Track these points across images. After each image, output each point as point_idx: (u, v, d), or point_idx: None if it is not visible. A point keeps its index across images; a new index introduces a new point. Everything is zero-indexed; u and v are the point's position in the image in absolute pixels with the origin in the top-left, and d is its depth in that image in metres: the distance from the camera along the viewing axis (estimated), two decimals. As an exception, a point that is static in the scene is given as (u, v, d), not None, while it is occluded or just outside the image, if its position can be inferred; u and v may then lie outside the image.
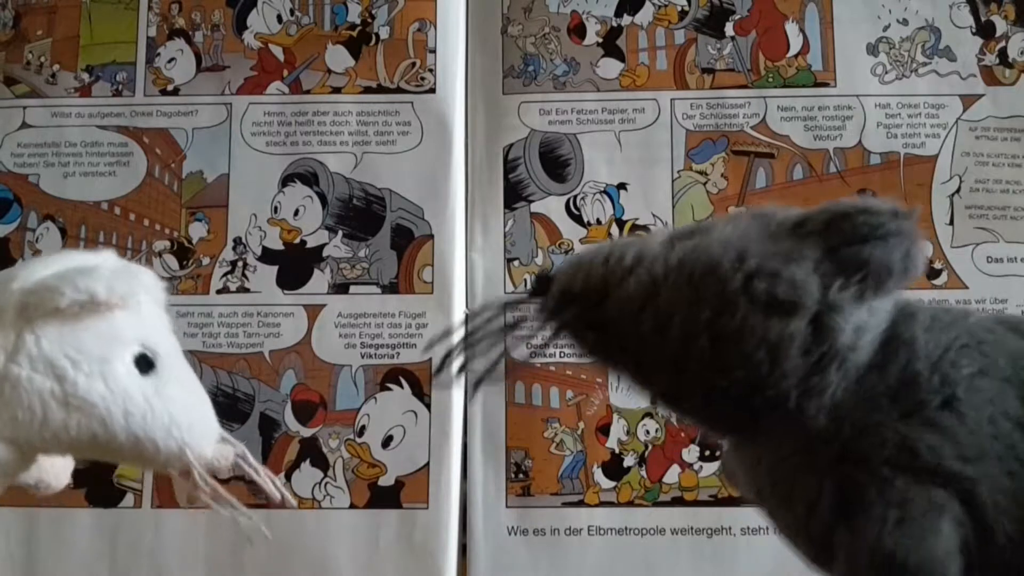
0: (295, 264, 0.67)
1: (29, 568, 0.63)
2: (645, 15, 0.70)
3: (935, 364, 0.32)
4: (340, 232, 0.67)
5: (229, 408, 0.65)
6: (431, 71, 0.69)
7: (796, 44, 0.69)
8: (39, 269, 0.35)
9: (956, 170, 0.68)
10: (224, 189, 0.68)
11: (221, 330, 0.66)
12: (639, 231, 0.67)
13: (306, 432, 0.65)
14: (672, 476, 0.64)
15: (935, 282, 0.66)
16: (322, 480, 0.64)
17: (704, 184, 0.68)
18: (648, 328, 0.32)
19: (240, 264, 0.67)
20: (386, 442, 0.65)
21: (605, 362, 0.35)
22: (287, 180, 0.68)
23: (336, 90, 0.69)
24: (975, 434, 0.31)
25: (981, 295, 0.66)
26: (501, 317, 0.35)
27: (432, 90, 0.69)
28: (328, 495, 0.64)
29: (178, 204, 0.68)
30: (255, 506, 0.39)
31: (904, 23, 0.69)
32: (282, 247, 0.67)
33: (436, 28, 0.70)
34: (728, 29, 0.70)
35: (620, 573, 0.63)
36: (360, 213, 0.68)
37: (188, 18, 0.70)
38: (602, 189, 0.68)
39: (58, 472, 0.40)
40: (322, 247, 0.67)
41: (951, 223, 0.67)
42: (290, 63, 0.70)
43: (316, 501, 0.64)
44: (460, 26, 0.70)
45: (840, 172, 0.68)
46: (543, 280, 0.35)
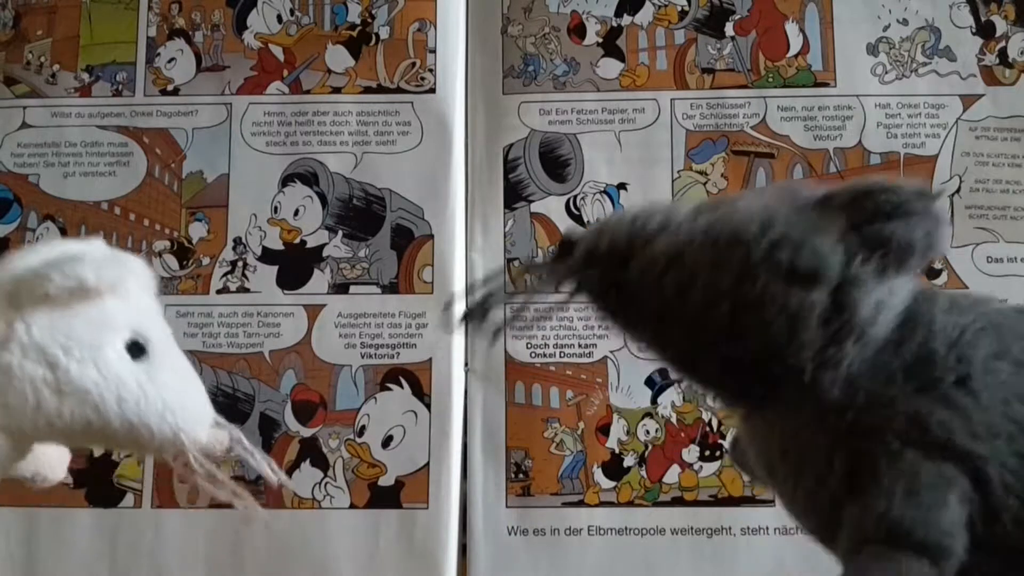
0: (295, 264, 0.67)
1: (29, 568, 0.63)
2: (645, 15, 0.70)
3: (952, 343, 0.32)
4: (340, 232, 0.67)
5: (229, 408, 0.65)
6: (431, 71, 0.69)
7: (796, 44, 0.69)
8: (26, 258, 0.35)
9: (956, 170, 0.68)
10: (224, 189, 0.68)
11: (221, 330, 0.66)
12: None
13: (306, 432, 0.65)
14: (672, 476, 0.64)
15: (935, 282, 0.66)
16: (322, 480, 0.64)
17: (704, 184, 0.68)
18: (670, 291, 0.32)
19: (240, 264, 0.67)
20: (386, 442, 0.65)
21: (624, 325, 0.35)
22: (287, 180, 0.68)
23: (336, 90, 0.69)
24: (987, 413, 0.31)
25: (981, 295, 0.66)
26: (523, 275, 0.36)
27: (432, 90, 0.69)
28: (328, 495, 0.64)
29: (178, 204, 0.68)
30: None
31: (904, 23, 0.69)
32: (282, 247, 0.67)
33: (436, 28, 0.70)
34: (728, 29, 0.70)
35: (620, 573, 0.63)
36: (360, 213, 0.68)
37: (188, 18, 0.70)
38: (602, 189, 0.68)
39: (54, 464, 0.40)
40: (322, 247, 0.67)
41: (951, 223, 0.67)
42: (290, 63, 0.70)
43: (316, 501, 0.64)
44: (460, 26, 0.70)
45: (840, 172, 0.68)
46: (568, 242, 0.35)
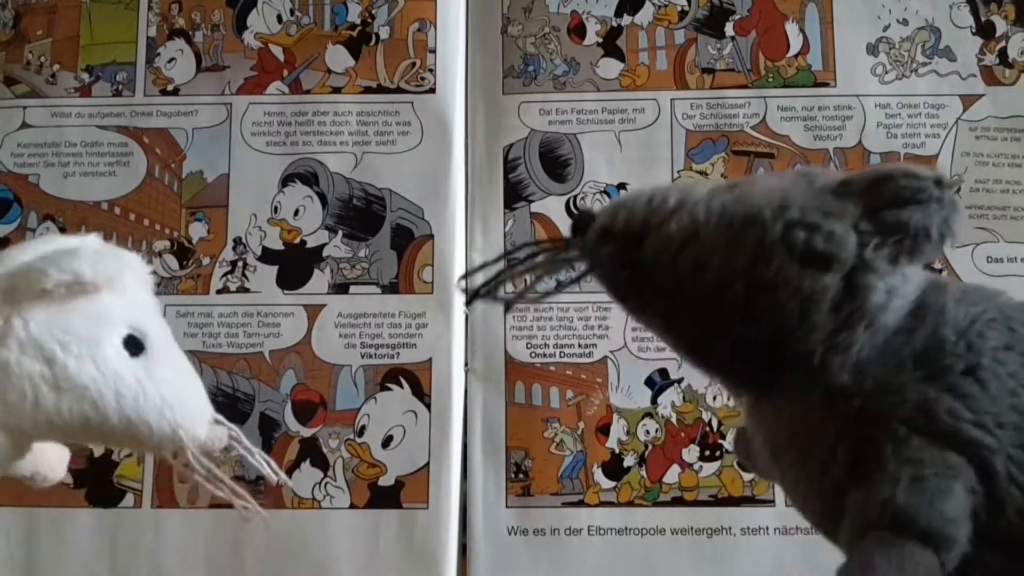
0: (295, 264, 0.67)
1: (29, 568, 0.63)
2: (645, 15, 0.70)
3: (962, 332, 0.32)
4: (340, 232, 0.67)
5: (229, 408, 0.65)
6: (431, 71, 0.69)
7: (796, 44, 0.69)
8: (22, 253, 0.35)
9: (956, 170, 0.68)
10: (224, 189, 0.68)
11: (221, 330, 0.66)
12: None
13: (306, 432, 0.65)
14: (672, 476, 0.64)
15: (935, 282, 0.66)
16: (322, 480, 0.64)
17: (704, 184, 0.68)
18: (684, 271, 0.32)
19: (240, 264, 0.67)
20: (386, 442, 0.65)
21: (636, 306, 0.35)
22: (287, 180, 0.68)
23: (336, 90, 0.69)
24: (995, 404, 0.31)
25: (981, 295, 0.66)
26: (538, 252, 0.36)
27: (432, 90, 0.69)
28: (328, 495, 0.64)
29: (178, 204, 0.68)
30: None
31: (904, 23, 0.69)
32: (282, 247, 0.67)
33: (436, 28, 0.70)
34: (728, 29, 0.70)
35: (620, 573, 0.63)
36: (360, 213, 0.68)
37: (188, 18, 0.70)
38: (602, 189, 0.68)
39: (54, 463, 0.40)
40: (322, 247, 0.67)
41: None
42: (290, 63, 0.70)
43: (316, 501, 0.64)
44: (460, 26, 0.70)
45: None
46: (583, 219, 0.35)
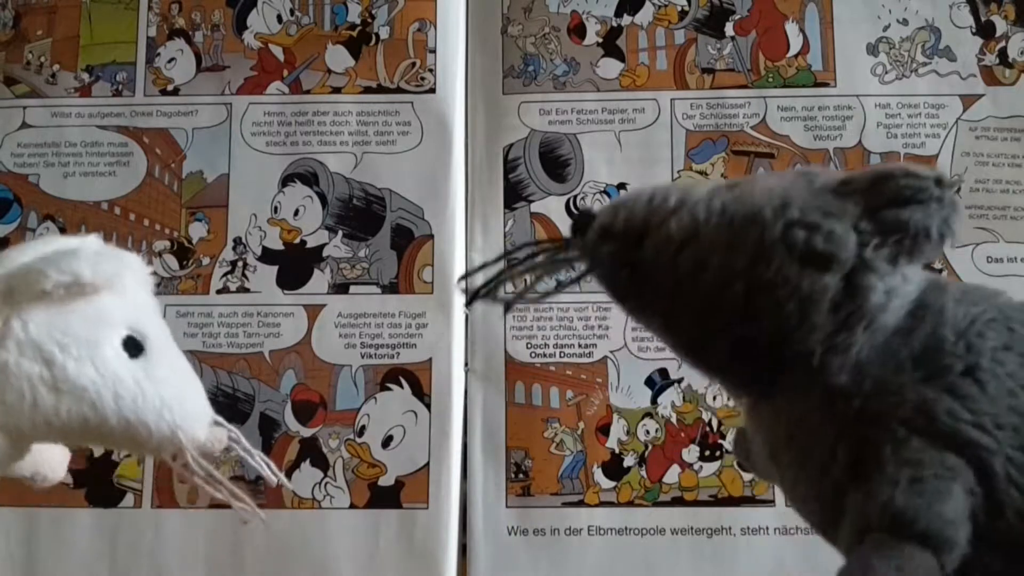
0: (295, 264, 0.67)
1: (29, 568, 0.63)
2: (645, 15, 0.70)
3: (962, 332, 0.32)
4: (340, 232, 0.67)
5: (229, 408, 0.65)
6: (431, 71, 0.69)
7: (796, 44, 0.69)
8: (21, 254, 0.35)
9: (956, 170, 0.68)
10: (224, 189, 0.68)
11: (221, 330, 0.66)
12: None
13: (306, 432, 0.65)
14: (672, 476, 0.64)
15: (935, 282, 0.66)
16: (322, 480, 0.64)
17: (704, 184, 0.68)
18: (684, 271, 0.32)
19: (240, 264, 0.67)
20: (386, 442, 0.65)
21: (636, 306, 0.35)
22: (287, 180, 0.68)
23: (336, 90, 0.69)
24: (994, 404, 0.31)
25: (981, 295, 0.66)
26: (538, 252, 0.36)
27: (432, 90, 0.69)
28: (328, 495, 0.64)
29: (178, 204, 0.68)
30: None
31: (904, 23, 0.69)
32: (282, 247, 0.67)
33: (436, 28, 0.70)
34: (728, 29, 0.70)
35: (620, 573, 0.63)
36: (360, 213, 0.68)
37: (188, 18, 0.70)
38: (602, 189, 0.68)
39: (54, 464, 0.40)
40: (322, 247, 0.67)
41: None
42: (290, 63, 0.70)
43: (316, 501, 0.64)
44: (460, 26, 0.70)
45: (840, 172, 0.68)
46: (584, 217, 0.34)
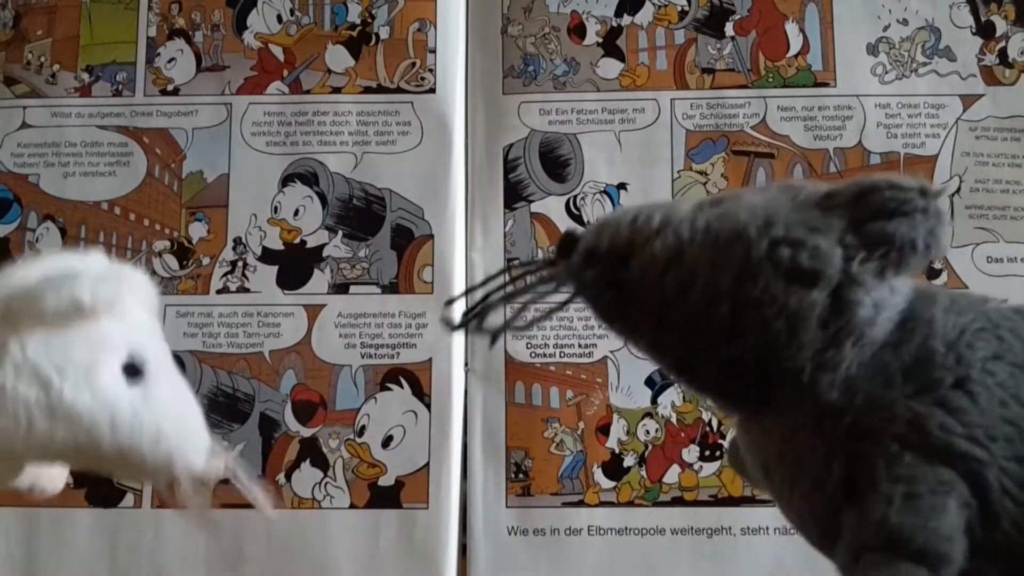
0: (295, 264, 0.67)
1: (29, 568, 0.63)
2: (645, 15, 0.70)
3: (951, 343, 0.32)
4: (340, 232, 0.67)
5: (229, 408, 0.65)
6: (431, 71, 0.69)
7: (796, 44, 0.69)
8: (24, 273, 0.34)
9: (956, 170, 0.68)
10: (224, 189, 0.68)
11: (221, 330, 0.66)
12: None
13: (306, 432, 0.65)
14: (672, 476, 0.64)
15: (935, 282, 0.66)
16: (322, 480, 0.64)
17: (704, 184, 0.68)
18: (670, 291, 0.32)
19: (240, 264, 0.67)
20: (386, 442, 0.65)
21: (623, 327, 0.35)
22: (287, 180, 0.68)
23: (336, 90, 0.69)
24: (986, 416, 0.30)
25: (981, 295, 0.66)
26: (522, 276, 0.35)
27: (432, 90, 0.69)
28: (328, 495, 0.64)
29: (178, 204, 0.68)
30: (247, 506, 0.38)
31: (904, 23, 0.69)
32: (282, 247, 0.67)
33: (436, 28, 0.70)
34: (728, 29, 0.70)
35: (620, 573, 0.63)
36: (360, 213, 0.68)
37: (188, 18, 0.70)
38: (602, 189, 0.68)
39: (53, 477, 0.40)
40: (322, 247, 0.67)
41: (951, 223, 0.67)
42: (290, 63, 0.70)
43: (316, 501, 0.64)
44: (460, 26, 0.70)
45: (840, 172, 0.68)
46: (568, 241, 0.34)
